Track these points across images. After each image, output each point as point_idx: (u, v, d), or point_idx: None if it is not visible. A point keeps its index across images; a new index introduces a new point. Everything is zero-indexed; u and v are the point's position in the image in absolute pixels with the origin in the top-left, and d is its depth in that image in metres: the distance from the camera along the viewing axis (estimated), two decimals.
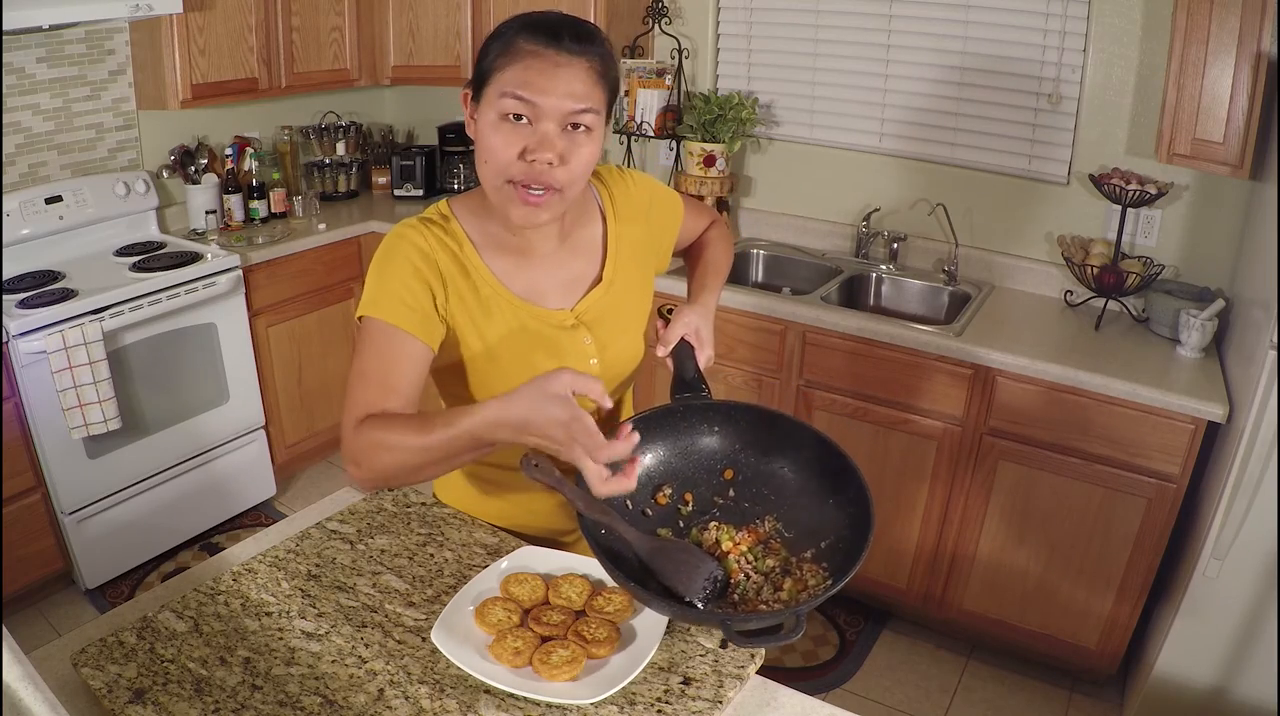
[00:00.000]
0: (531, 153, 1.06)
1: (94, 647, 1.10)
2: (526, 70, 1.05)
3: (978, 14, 2.65)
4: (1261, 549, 1.96)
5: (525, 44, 1.06)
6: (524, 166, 1.07)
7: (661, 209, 1.39)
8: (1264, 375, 1.86)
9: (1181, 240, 2.53)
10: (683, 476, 1.21)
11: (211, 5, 2.85)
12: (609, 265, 1.29)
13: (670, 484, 1.21)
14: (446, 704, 1.03)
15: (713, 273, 1.44)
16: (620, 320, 1.30)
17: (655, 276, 1.41)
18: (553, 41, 1.05)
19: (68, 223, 2.83)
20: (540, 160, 1.06)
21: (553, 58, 1.05)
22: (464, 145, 3.63)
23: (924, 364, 2.41)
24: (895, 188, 2.92)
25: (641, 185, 1.37)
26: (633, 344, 1.32)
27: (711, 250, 1.48)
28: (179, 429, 2.86)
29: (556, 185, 1.09)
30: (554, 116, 1.06)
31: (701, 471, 1.22)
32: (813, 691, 1.62)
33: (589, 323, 1.26)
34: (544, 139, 1.06)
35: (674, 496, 1.21)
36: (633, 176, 1.36)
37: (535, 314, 1.22)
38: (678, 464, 1.21)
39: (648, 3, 3.12)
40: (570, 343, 1.24)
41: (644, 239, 1.35)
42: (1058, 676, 2.56)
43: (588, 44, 1.08)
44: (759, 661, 1.12)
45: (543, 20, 1.08)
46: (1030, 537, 2.40)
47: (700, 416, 1.22)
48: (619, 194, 1.32)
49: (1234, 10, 2.03)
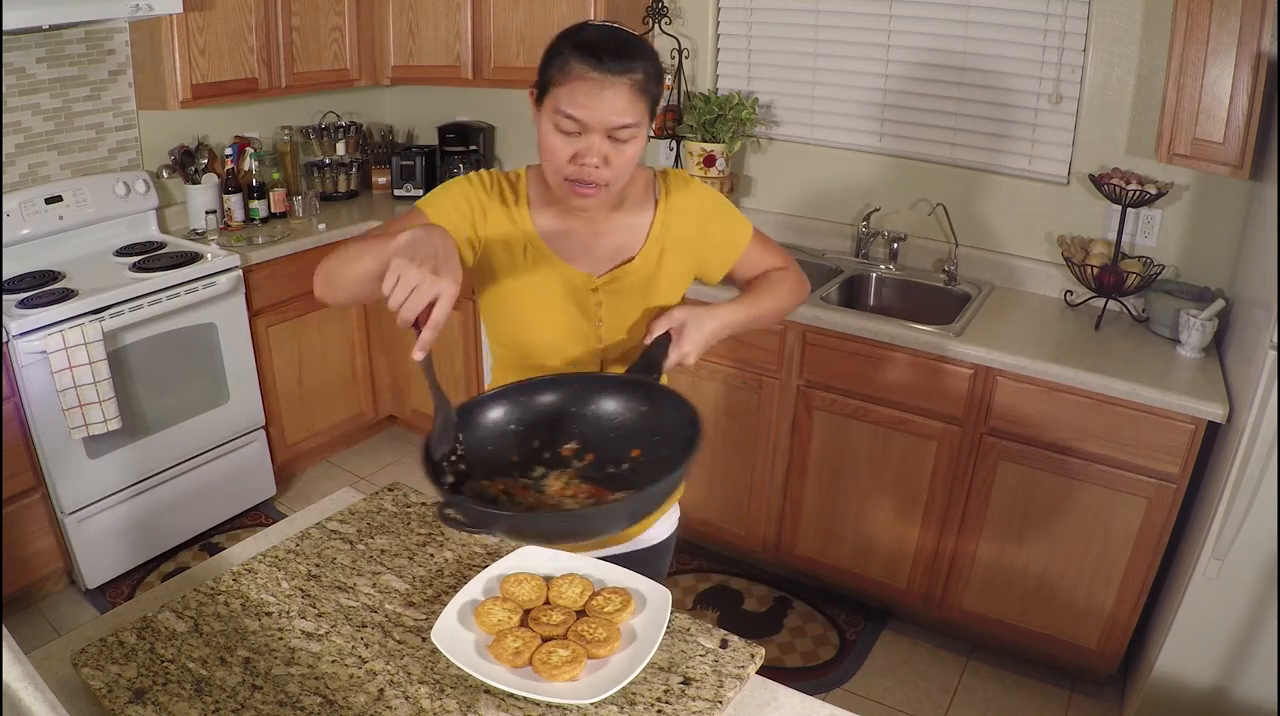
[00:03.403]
0: (581, 158, 1.24)
1: (94, 647, 1.10)
2: (574, 92, 1.21)
3: (978, 14, 2.65)
4: (1261, 549, 1.96)
5: (576, 65, 1.21)
6: (575, 168, 1.25)
7: (722, 224, 1.47)
8: (1264, 375, 1.86)
9: (1181, 240, 2.53)
10: (594, 439, 1.27)
11: (211, 5, 2.85)
12: (646, 248, 1.39)
13: (578, 441, 1.26)
14: (446, 704, 1.03)
15: (754, 294, 1.47)
16: (640, 299, 1.39)
17: (699, 282, 1.50)
18: (598, 64, 1.20)
19: (68, 223, 2.83)
20: (588, 164, 1.24)
21: (598, 80, 1.20)
22: (464, 145, 3.63)
23: (924, 364, 2.41)
24: (895, 188, 2.92)
25: (706, 197, 1.46)
26: (645, 326, 1.38)
27: (770, 280, 1.50)
28: (179, 429, 2.86)
29: (602, 182, 1.27)
30: (599, 130, 1.23)
31: (612, 442, 1.26)
32: (813, 691, 1.62)
33: (609, 293, 1.38)
34: (591, 147, 1.24)
35: (579, 452, 1.26)
36: (700, 188, 1.46)
37: (562, 270, 1.37)
38: (591, 428, 1.28)
39: (648, 3, 3.13)
40: (584, 302, 1.38)
41: (692, 240, 1.43)
42: (1058, 676, 2.56)
43: (630, 61, 1.21)
44: (759, 661, 1.12)
45: (590, 42, 1.21)
46: (1030, 537, 2.40)
47: (635, 394, 1.28)
48: (676, 194, 1.42)
49: (1234, 10, 2.02)
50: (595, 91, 1.20)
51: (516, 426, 1.26)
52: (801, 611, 2.80)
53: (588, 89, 1.20)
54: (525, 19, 3.12)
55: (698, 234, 1.43)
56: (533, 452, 1.25)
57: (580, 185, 1.26)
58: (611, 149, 1.25)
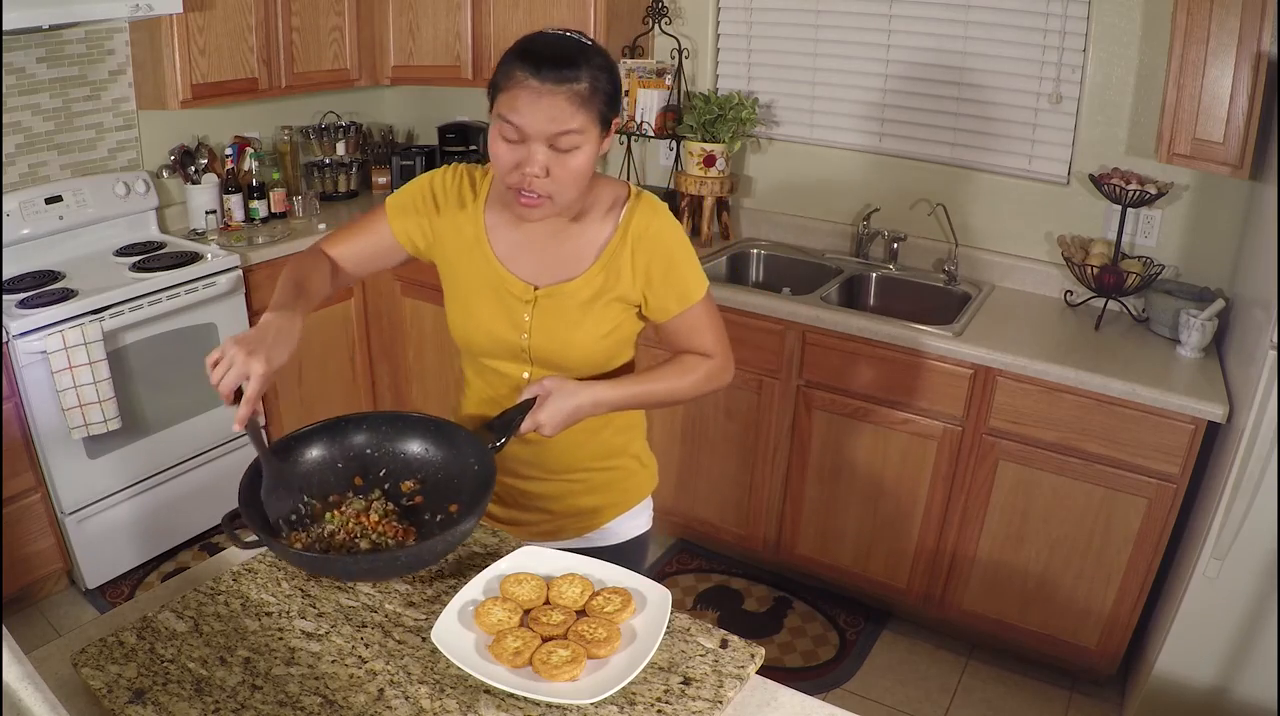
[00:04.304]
0: (522, 166, 1.22)
1: (94, 647, 1.10)
2: (514, 99, 1.20)
3: (977, 14, 2.65)
4: (1261, 549, 1.96)
5: (517, 72, 1.20)
6: (518, 176, 1.23)
7: (677, 269, 1.37)
8: (1264, 375, 1.86)
9: (1181, 240, 2.53)
10: (439, 484, 1.32)
11: (211, 5, 2.85)
12: (592, 270, 1.35)
13: (415, 480, 1.33)
14: (446, 704, 1.03)
15: (648, 376, 1.39)
16: (573, 320, 1.36)
17: (641, 315, 1.41)
18: (535, 73, 1.18)
19: (68, 223, 2.82)
20: (529, 174, 1.22)
21: (535, 87, 1.19)
22: (464, 145, 3.63)
23: (924, 364, 2.41)
24: (895, 188, 2.92)
25: (671, 233, 1.37)
26: (578, 346, 1.36)
27: (680, 364, 1.42)
28: (179, 429, 2.86)
29: (545, 193, 1.24)
30: (538, 138, 1.21)
31: (452, 485, 1.31)
32: (813, 691, 1.62)
33: (542, 308, 1.36)
34: (531, 156, 1.22)
35: (416, 490, 1.33)
36: (668, 222, 1.37)
37: (501, 274, 1.37)
38: (438, 471, 1.33)
39: (648, 3, 3.12)
40: (513, 310, 1.37)
41: (642, 272, 1.35)
42: (1058, 676, 2.56)
43: (569, 69, 1.19)
44: (759, 661, 1.12)
45: (531, 49, 1.21)
46: (1030, 537, 2.40)
47: (467, 447, 1.31)
48: (640, 219, 1.35)
49: (1234, 10, 2.02)
50: (533, 99, 1.19)
51: (341, 463, 1.34)
52: (801, 611, 2.80)
53: (526, 97, 1.19)
54: (525, 19, 3.12)
55: (648, 268, 1.35)
56: (372, 482, 1.33)
57: (523, 194, 1.24)
58: (553, 159, 1.22)
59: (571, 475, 1.49)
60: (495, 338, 1.39)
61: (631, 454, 1.54)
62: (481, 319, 1.39)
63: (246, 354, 1.14)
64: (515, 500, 1.53)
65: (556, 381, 1.31)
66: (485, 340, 1.40)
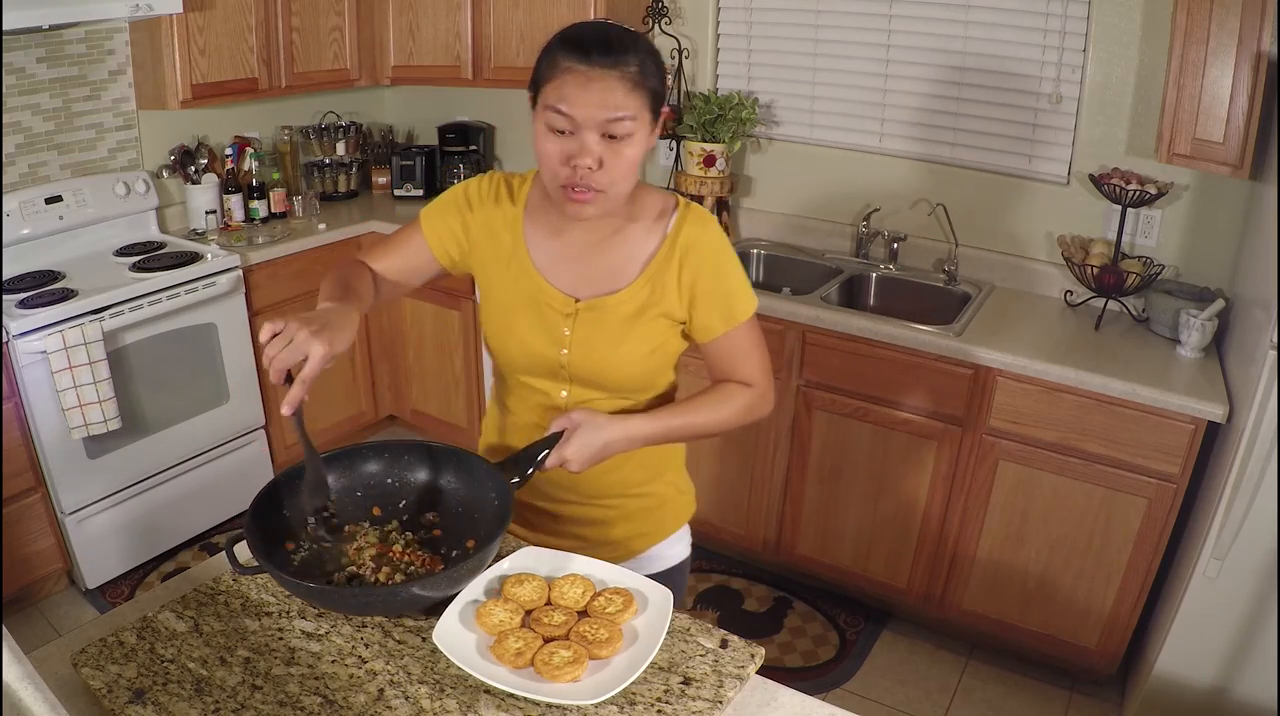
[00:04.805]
0: (574, 159, 1.17)
1: (94, 647, 1.10)
2: (562, 86, 1.15)
3: (978, 14, 2.65)
4: (1261, 549, 1.96)
5: (563, 60, 1.16)
6: (569, 171, 1.18)
7: (726, 284, 1.31)
8: (1264, 375, 1.86)
9: (1181, 240, 2.53)
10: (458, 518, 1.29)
11: (211, 5, 2.85)
12: (638, 283, 1.30)
13: (435, 513, 1.30)
14: (446, 704, 1.03)
15: (686, 407, 1.33)
16: (615, 336, 1.30)
17: (684, 334, 1.36)
18: (584, 57, 1.14)
19: (68, 223, 2.82)
20: (581, 166, 1.17)
21: (585, 72, 1.14)
22: (464, 145, 3.63)
23: (924, 364, 2.41)
24: (895, 188, 2.92)
25: (720, 247, 1.31)
26: (618, 364, 1.31)
27: (722, 393, 1.35)
28: (179, 429, 2.86)
29: (599, 187, 1.19)
30: (590, 126, 1.16)
31: (471, 520, 1.27)
32: (813, 691, 1.62)
33: (583, 321, 1.30)
34: (584, 147, 1.17)
35: (435, 522, 1.29)
36: (717, 235, 1.32)
37: (540, 285, 1.31)
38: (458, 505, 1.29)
39: (648, 3, 3.12)
40: (552, 324, 1.31)
41: (688, 287, 1.30)
42: (1058, 676, 2.56)
43: (619, 54, 1.15)
44: (759, 661, 1.12)
45: (576, 36, 1.17)
46: (1030, 537, 2.40)
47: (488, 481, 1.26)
48: (689, 230, 1.29)
49: (1234, 10, 2.02)
50: (584, 84, 1.14)
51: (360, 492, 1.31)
52: (801, 611, 2.80)
53: (576, 81, 1.14)
54: (525, 19, 3.12)
55: (694, 282, 1.29)
56: (391, 513, 1.30)
57: (575, 190, 1.19)
58: (607, 149, 1.17)
59: (604, 501, 1.42)
60: (532, 353, 1.32)
61: (668, 480, 1.48)
62: (518, 332, 1.32)
63: (310, 332, 1.05)
64: (545, 524, 1.46)
65: (586, 414, 1.25)
66: (522, 355, 1.34)
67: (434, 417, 3.57)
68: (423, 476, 1.32)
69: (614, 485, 1.41)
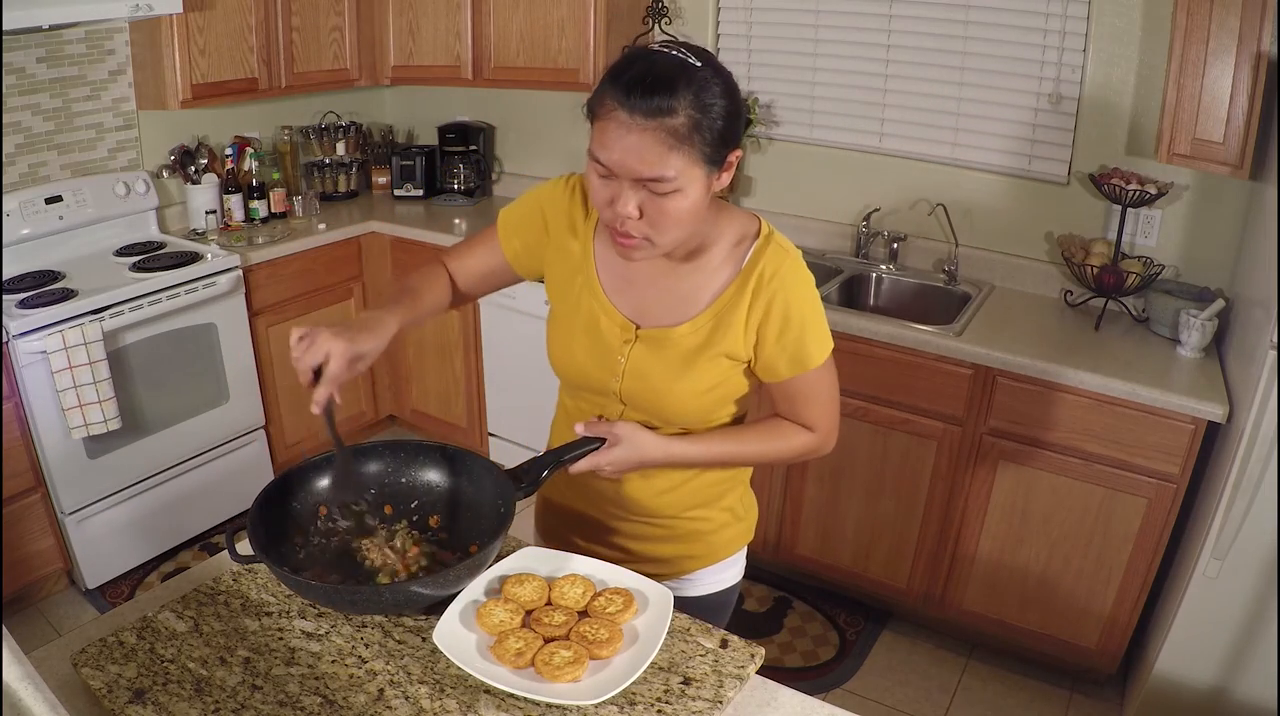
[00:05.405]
0: (614, 203, 1.10)
1: (94, 647, 1.10)
2: (603, 132, 1.08)
3: (978, 14, 2.65)
4: (1261, 549, 1.96)
5: (608, 97, 1.07)
6: (611, 213, 1.12)
7: (801, 328, 1.23)
8: (1264, 375, 1.86)
9: (1181, 240, 2.53)
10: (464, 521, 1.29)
11: (211, 5, 2.85)
12: (701, 317, 1.23)
13: (440, 514, 1.30)
14: (446, 704, 1.03)
15: (734, 436, 1.28)
16: (673, 370, 1.24)
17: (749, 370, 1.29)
18: (624, 99, 1.04)
19: (68, 223, 2.82)
20: (620, 213, 1.10)
21: (624, 120, 1.05)
22: (464, 145, 3.63)
23: (924, 364, 2.41)
24: (895, 188, 2.92)
25: (801, 284, 1.23)
26: (673, 400, 1.25)
27: (776, 429, 1.31)
28: (179, 429, 2.86)
29: (640, 235, 1.12)
30: (627, 178, 1.08)
31: (476, 525, 1.27)
32: (813, 691, 1.62)
33: (640, 350, 1.25)
34: (623, 195, 1.09)
35: (442, 524, 1.30)
36: (798, 270, 1.23)
37: (603, 305, 1.27)
38: (466, 508, 1.30)
39: (648, 2, 3.12)
40: (609, 349, 1.27)
41: (757, 327, 1.23)
42: (1058, 676, 2.56)
43: (665, 98, 1.03)
44: (759, 661, 1.12)
45: (624, 68, 1.07)
46: (1030, 537, 2.40)
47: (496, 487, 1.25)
48: (768, 264, 1.21)
49: (1234, 10, 2.02)
50: (620, 135, 1.05)
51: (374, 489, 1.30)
52: (801, 611, 2.80)
53: (614, 131, 1.05)
54: (525, 19, 3.12)
55: (763, 320, 1.21)
56: (401, 512, 1.30)
57: (619, 235, 1.13)
58: (649, 201, 1.08)
59: (653, 519, 1.37)
60: (586, 374, 1.29)
61: (724, 506, 1.41)
62: (575, 352, 1.29)
63: (331, 333, 1.09)
64: (592, 533, 1.43)
65: (629, 429, 1.21)
66: (577, 375, 1.32)
67: (434, 417, 3.57)
68: (434, 478, 1.32)
69: (668, 506, 1.36)
